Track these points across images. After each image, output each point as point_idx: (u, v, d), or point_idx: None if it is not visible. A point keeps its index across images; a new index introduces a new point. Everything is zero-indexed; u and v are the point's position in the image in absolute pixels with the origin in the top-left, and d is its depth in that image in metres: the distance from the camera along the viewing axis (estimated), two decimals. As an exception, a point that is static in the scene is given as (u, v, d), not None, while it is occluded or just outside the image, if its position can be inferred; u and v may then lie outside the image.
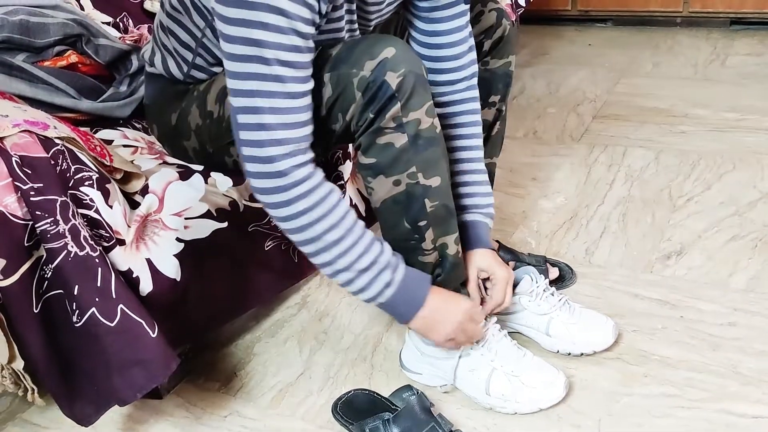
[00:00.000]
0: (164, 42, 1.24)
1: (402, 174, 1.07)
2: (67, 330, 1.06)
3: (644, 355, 1.27)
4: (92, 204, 1.08)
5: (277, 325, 1.46)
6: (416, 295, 1.12)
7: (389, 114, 1.03)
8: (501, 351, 1.19)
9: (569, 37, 2.99)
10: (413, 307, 1.12)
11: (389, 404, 1.18)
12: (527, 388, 1.17)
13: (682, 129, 2.08)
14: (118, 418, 1.27)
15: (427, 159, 1.08)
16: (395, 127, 1.04)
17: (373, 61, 1.01)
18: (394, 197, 1.10)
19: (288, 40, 0.95)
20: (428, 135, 1.07)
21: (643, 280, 1.46)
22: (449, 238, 1.15)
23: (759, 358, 1.23)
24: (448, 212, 1.14)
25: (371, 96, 1.02)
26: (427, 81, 1.07)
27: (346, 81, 1.03)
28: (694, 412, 1.15)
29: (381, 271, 1.08)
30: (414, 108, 1.04)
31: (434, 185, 1.10)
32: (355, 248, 1.05)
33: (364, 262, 1.06)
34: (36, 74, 1.41)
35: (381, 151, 1.06)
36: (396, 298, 1.10)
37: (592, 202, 1.76)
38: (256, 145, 0.99)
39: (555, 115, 2.28)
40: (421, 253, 1.14)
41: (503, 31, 1.35)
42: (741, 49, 2.63)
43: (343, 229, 1.04)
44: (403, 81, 1.02)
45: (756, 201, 1.68)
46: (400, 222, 1.12)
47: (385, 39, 1.04)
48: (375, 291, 1.08)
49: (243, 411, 1.26)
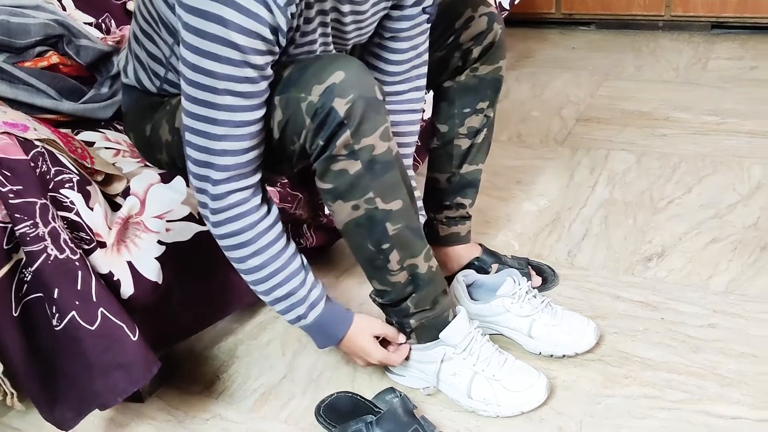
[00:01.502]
0: (137, 53, 1.22)
1: (360, 199, 1.07)
2: (47, 333, 1.05)
3: (625, 356, 1.28)
4: (72, 206, 1.07)
5: (260, 328, 1.46)
6: (332, 333, 1.19)
7: (340, 141, 1.01)
8: (482, 355, 1.19)
9: (553, 40, 3.01)
10: (330, 340, 1.20)
11: (372, 407, 1.18)
12: (509, 392, 1.17)
13: (663, 132, 2.10)
14: (99, 421, 1.26)
15: (384, 184, 1.06)
16: (347, 154, 1.03)
17: (321, 86, 0.99)
18: (355, 221, 1.09)
19: (240, 72, 0.95)
20: (384, 159, 1.05)
21: (625, 282, 1.48)
22: (417, 258, 1.14)
23: (738, 359, 1.25)
24: (413, 233, 1.13)
25: (320, 122, 1.00)
26: (383, 103, 1.04)
27: (295, 105, 1.01)
28: (675, 413, 1.16)
29: (295, 304, 1.13)
30: (366, 134, 1.02)
31: (395, 209, 1.09)
32: (274, 278, 1.09)
33: (281, 292, 1.11)
34: (16, 75, 1.40)
35: (336, 177, 1.05)
36: (310, 330, 1.18)
37: (574, 205, 1.77)
38: (197, 164, 1.02)
39: (539, 118, 2.29)
40: (389, 273, 1.14)
41: (494, 36, 1.34)
42: (722, 52, 2.66)
43: (266, 257, 1.08)
44: (352, 107, 0.99)
45: (735, 204, 1.70)
46: (364, 244, 1.12)
47: (335, 61, 1.02)
48: (290, 318, 1.15)
49: (225, 414, 1.26)
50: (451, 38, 1.34)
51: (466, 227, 1.48)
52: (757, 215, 1.65)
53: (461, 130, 1.41)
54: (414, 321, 1.20)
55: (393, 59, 1.24)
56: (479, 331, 1.22)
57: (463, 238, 1.48)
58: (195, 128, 1.00)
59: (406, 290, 1.16)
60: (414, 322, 1.20)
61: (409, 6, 1.19)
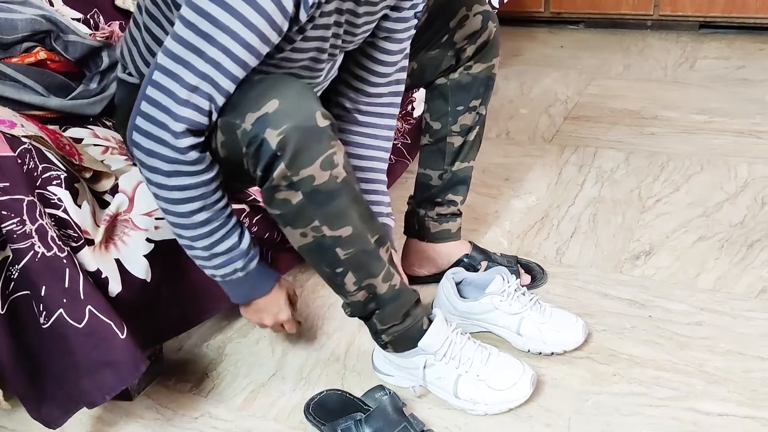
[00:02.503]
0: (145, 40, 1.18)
1: (306, 227, 1.05)
2: (35, 331, 1.04)
3: (613, 354, 1.29)
4: (60, 203, 1.06)
5: (249, 325, 1.45)
6: (260, 284, 1.17)
7: (277, 173, 0.98)
8: (464, 356, 1.19)
9: (542, 38, 3.01)
10: (253, 292, 1.17)
11: (362, 404, 1.18)
12: (494, 391, 1.18)
13: (651, 131, 2.11)
14: (87, 420, 1.25)
15: (330, 212, 1.04)
16: (287, 185, 1.00)
17: (254, 115, 0.97)
18: (306, 246, 1.09)
19: (245, 34, 0.93)
20: (326, 189, 1.01)
21: (613, 280, 1.48)
22: (375, 279, 1.12)
23: (725, 357, 1.26)
24: (368, 255, 1.10)
25: (254, 152, 0.98)
26: (326, 129, 1.00)
27: (232, 131, 1.00)
28: (662, 410, 1.17)
29: (234, 257, 1.10)
30: (304, 165, 0.98)
31: (345, 235, 1.06)
32: (217, 233, 1.07)
33: (222, 247, 1.08)
34: (3, 71, 1.39)
35: (281, 206, 1.03)
36: (238, 283, 1.14)
37: (563, 203, 1.78)
38: (161, 109, 0.97)
39: (527, 116, 2.30)
40: (348, 294, 1.14)
41: (489, 35, 1.34)
42: (709, 52, 2.67)
43: (210, 212, 1.05)
44: (284, 139, 0.96)
45: (723, 202, 1.71)
46: (320, 266, 1.12)
47: (274, 87, 0.98)
48: (223, 272, 1.11)
49: (214, 412, 1.25)
50: (445, 37, 1.35)
51: (456, 224, 1.49)
52: (743, 214, 1.66)
53: (454, 128, 1.42)
54: (385, 336, 1.19)
55: (384, 60, 1.24)
56: (458, 332, 1.21)
57: (454, 235, 1.49)
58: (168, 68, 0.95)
59: (368, 308, 1.16)
60: (386, 336, 1.19)
61: (407, 9, 1.19)
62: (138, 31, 1.19)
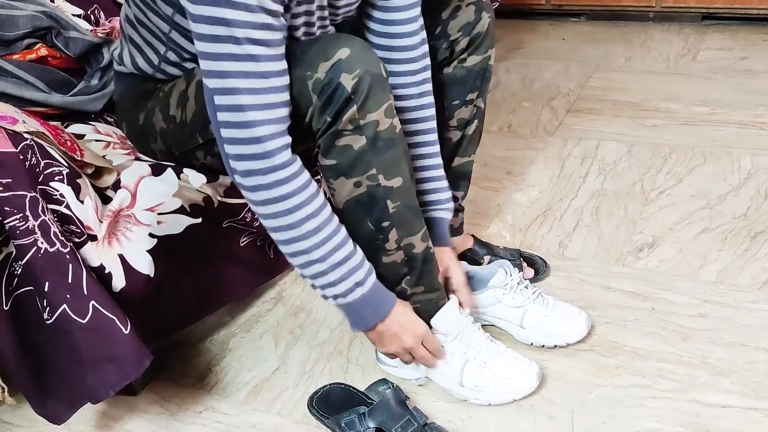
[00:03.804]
0: (132, 36, 1.21)
1: (362, 176, 1.07)
2: (38, 327, 1.05)
3: (616, 346, 1.29)
4: (62, 199, 1.06)
5: (253, 320, 1.46)
6: (383, 305, 1.13)
7: (346, 116, 1.01)
8: (474, 343, 1.20)
9: (543, 31, 3.01)
10: (376, 315, 1.13)
11: (365, 398, 1.18)
12: (500, 380, 1.18)
13: (654, 123, 2.11)
14: (91, 415, 1.26)
15: (387, 160, 1.07)
16: (353, 129, 1.03)
17: (328, 63, 1.00)
18: (356, 198, 1.09)
19: (257, 18, 0.94)
20: (387, 136, 1.05)
21: (616, 273, 1.48)
22: (414, 237, 1.14)
23: (728, 348, 1.26)
24: (412, 212, 1.13)
25: (327, 99, 1.01)
26: (387, 80, 1.05)
27: (302, 83, 1.01)
28: (665, 402, 1.17)
29: (354, 268, 1.08)
30: (371, 110, 1.03)
31: (396, 186, 1.09)
32: (331, 240, 1.05)
33: (339, 255, 1.06)
34: (4, 68, 1.39)
35: (340, 153, 1.05)
36: (363, 301, 1.10)
37: (565, 196, 1.78)
38: (237, 126, 0.98)
39: (529, 109, 2.29)
40: (385, 253, 1.14)
41: (482, 26, 1.33)
42: (712, 43, 2.66)
43: (320, 219, 1.04)
44: (359, 82, 1.00)
45: (726, 194, 1.71)
46: (363, 222, 1.11)
47: (340, 39, 1.02)
48: (345, 287, 1.08)
49: (218, 407, 1.26)
50: (438, 28, 1.33)
51: (458, 219, 1.49)
52: (747, 205, 1.66)
53: (451, 122, 1.40)
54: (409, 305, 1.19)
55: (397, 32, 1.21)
56: (470, 319, 1.22)
57: (456, 230, 1.48)
58: (221, 87, 0.97)
59: (402, 271, 1.16)
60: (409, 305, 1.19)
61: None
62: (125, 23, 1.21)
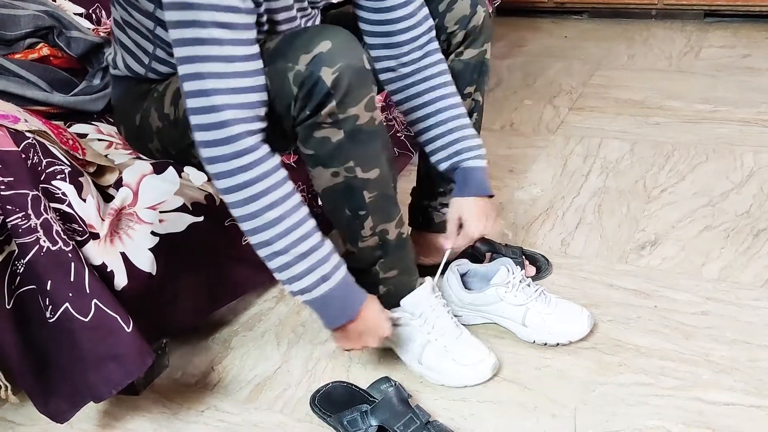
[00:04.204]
0: (121, 39, 1.22)
1: (340, 167, 1.08)
2: (41, 326, 1.05)
3: (619, 344, 1.29)
4: (65, 198, 1.06)
5: (255, 319, 1.46)
6: (351, 303, 1.11)
7: (325, 110, 1.02)
8: (439, 326, 1.23)
9: (546, 29, 3.00)
10: (345, 314, 1.11)
11: (367, 396, 1.18)
12: (455, 365, 1.22)
13: (656, 120, 2.10)
14: (94, 414, 1.26)
15: (364, 153, 1.08)
16: (332, 123, 1.04)
17: (308, 56, 1.00)
18: (333, 187, 1.11)
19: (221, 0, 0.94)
20: (367, 130, 1.06)
21: (618, 271, 1.48)
22: (389, 224, 1.17)
23: (731, 346, 1.25)
24: (387, 200, 1.15)
25: (307, 92, 1.01)
26: (370, 72, 1.05)
27: (282, 75, 1.01)
28: (668, 400, 1.16)
29: (320, 261, 1.05)
30: (351, 104, 1.03)
31: (373, 177, 1.11)
32: (295, 231, 1.03)
33: (303, 247, 1.04)
34: (6, 67, 1.39)
35: (318, 144, 1.06)
36: (331, 296, 1.07)
37: (568, 194, 1.77)
38: (202, 111, 0.98)
39: (531, 107, 2.29)
40: (361, 239, 1.16)
41: (478, 20, 1.33)
42: (715, 41, 2.66)
43: (284, 209, 1.02)
44: (338, 77, 1.00)
45: (728, 192, 1.71)
46: (341, 209, 1.14)
47: (322, 32, 1.02)
48: (310, 281, 1.05)
49: (220, 405, 1.26)
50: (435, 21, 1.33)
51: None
52: (749, 203, 1.65)
53: None
54: (383, 287, 1.21)
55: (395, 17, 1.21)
56: (441, 303, 1.25)
57: (458, 227, 1.48)
58: (189, 73, 0.97)
59: (375, 254, 1.18)
60: (383, 287, 1.21)
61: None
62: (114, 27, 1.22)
